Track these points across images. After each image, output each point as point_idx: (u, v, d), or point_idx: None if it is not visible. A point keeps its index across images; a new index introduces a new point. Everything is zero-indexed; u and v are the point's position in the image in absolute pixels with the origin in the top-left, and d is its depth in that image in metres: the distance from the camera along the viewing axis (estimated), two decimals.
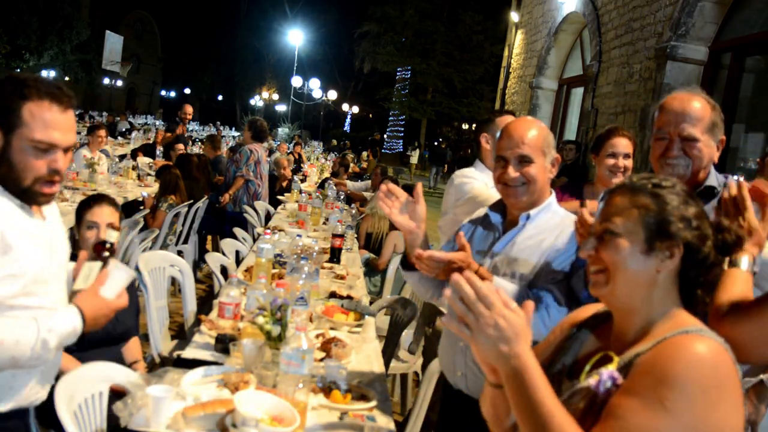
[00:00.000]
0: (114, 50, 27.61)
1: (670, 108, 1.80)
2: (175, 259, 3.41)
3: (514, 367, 1.03)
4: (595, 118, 7.86)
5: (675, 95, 1.83)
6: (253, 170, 6.22)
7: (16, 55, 23.68)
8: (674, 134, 1.78)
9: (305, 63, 34.23)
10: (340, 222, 4.57)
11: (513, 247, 1.88)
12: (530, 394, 1.03)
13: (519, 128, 1.88)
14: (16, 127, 1.48)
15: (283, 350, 1.93)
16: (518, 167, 1.85)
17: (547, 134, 1.91)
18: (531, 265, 1.84)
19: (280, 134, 27.30)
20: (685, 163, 1.77)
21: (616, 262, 1.14)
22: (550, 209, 1.92)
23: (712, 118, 1.77)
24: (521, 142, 1.85)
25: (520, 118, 2.06)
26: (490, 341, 1.02)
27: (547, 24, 10.26)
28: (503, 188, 1.90)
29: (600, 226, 1.18)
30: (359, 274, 3.91)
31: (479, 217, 2.08)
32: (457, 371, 1.96)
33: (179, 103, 10.19)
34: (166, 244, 5.10)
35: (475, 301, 1.01)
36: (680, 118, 1.77)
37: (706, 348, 1.03)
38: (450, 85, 27.76)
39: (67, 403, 1.67)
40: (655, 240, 1.13)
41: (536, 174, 1.85)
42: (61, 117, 1.53)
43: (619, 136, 2.67)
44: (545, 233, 1.86)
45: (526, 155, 1.84)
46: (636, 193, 1.16)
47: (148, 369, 2.59)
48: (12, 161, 1.50)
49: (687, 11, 6.09)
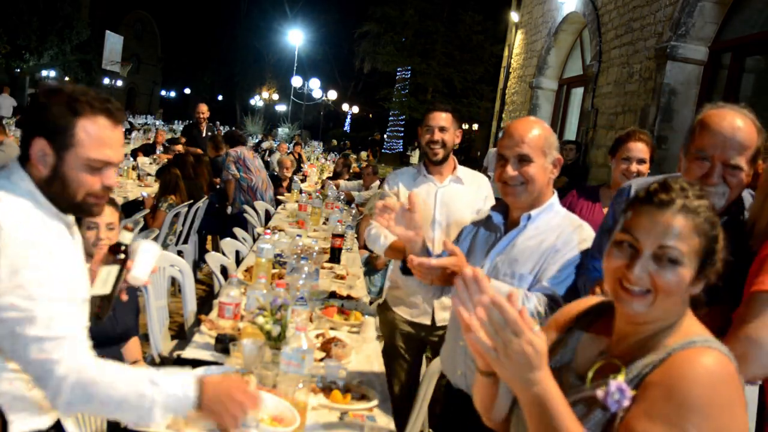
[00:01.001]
0: (114, 50, 27.59)
1: (717, 129, 1.59)
2: (175, 259, 3.41)
3: (537, 394, 1.01)
4: (595, 118, 7.86)
5: (722, 113, 1.62)
6: (237, 169, 6.40)
7: (16, 55, 23.67)
8: (717, 159, 1.59)
9: (305, 63, 34.23)
10: (340, 222, 4.57)
11: (514, 248, 1.89)
12: (554, 423, 1.01)
13: (520, 127, 1.88)
14: (71, 146, 1.44)
15: (283, 350, 1.93)
16: (517, 166, 1.85)
17: (549, 135, 1.91)
18: (531, 265, 1.84)
19: (280, 134, 27.28)
20: (722, 191, 1.61)
21: (671, 290, 1.08)
22: (552, 210, 1.92)
23: (758, 145, 1.61)
24: (521, 141, 1.85)
25: (523, 118, 2.06)
26: (515, 367, 0.99)
27: (547, 24, 10.26)
28: (503, 187, 1.91)
29: (659, 250, 1.08)
30: (359, 274, 3.91)
31: (482, 219, 2.09)
32: (457, 370, 1.96)
33: (179, 103, 10.15)
34: (166, 244, 5.10)
35: (504, 327, 0.98)
36: (728, 144, 1.58)
37: (714, 363, 1.03)
38: (450, 85, 27.73)
39: None
40: (705, 270, 1.09)
41: (535, 174, 1.85)
42: (114, 134, 1.50)
43: (636, 140, 2.65)
44: (546, 233, 1.86)
45: (526, 154, 1.84)
46: (696, 217, 1.08)
47: None
48: (66, 178, 1.47)
49: (687, 11, 6.09)
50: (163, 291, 3.30)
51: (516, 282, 1.83)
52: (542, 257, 1.83)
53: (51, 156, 1.45)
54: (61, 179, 1.46)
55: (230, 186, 6.41)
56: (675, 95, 6.27)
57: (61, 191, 1.47)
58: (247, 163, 6.47)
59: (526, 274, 1.83)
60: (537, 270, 1.83)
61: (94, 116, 1.45)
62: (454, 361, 1.98)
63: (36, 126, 1.47)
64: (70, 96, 1.45)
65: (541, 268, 1.82)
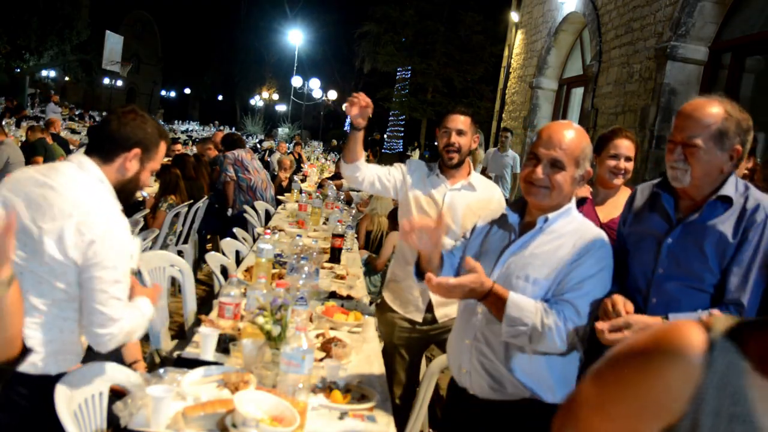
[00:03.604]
0: (114, 50, 27.57)
1: (681, 112, 1.80)
2: (175, 259, 3.41)
3: None
4: (595, 118, 7.86)
5: (692, 100, 1.81)
6: (235, 171, 6.42)
7: (16, 55, 23.68)
8: (678, 139, 1.78)
9: (305, 63, 34.23)
10: (340, 222, 4.57)
11: (529, 250, 1.86)
12: None
13: (560, 131, 1.85)
14: (151, 160, 2.02)
15: (283, 350, 1.93)
16: (548, 170, 1.83)
17: (587, 146, 1.87)
18: (547, 271, 1.81)
19: (280, 134, 27.29)
20: (683, 168, 1.76)
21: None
22: (569, 214, 1.90)
23: (722, 127, 1.72)
24: (558, 146, 1.82)
25: (565, 122, 2.02)
26: None
27: (547, 24, 10.26)
28: (527, 186, 1.88)
29: None
30: (359, 274, 3.91)
31: (496, 217, 2.06)
32: (462, 368, 1.96)
33: (179, 103, 10.15)
34: (166, 244, 5.10)
35: None
36: (686, 123, 1.76)
37: None
38: (450, 85, 27.71)
39: (67, 403, 1.67)
40: None
41: (563, 182, 1.83)
42: None
43: (622, 138, 2.65)
44: (563, 238, 1.84)
45: (560, 160, 1.82)
46: None
47: (148, 369, 2.59)
48: (139, 180, 2.02)
49: (687, 11, 6.09)
50: (163, 291, 3.29)
51: (530, 285, 1.80)
52: (559, 263, 1.80)
53: (138, 162, 1.97)
54: (135, 181, 2.00)
55: (229, 188, 6.44)
56: (675, 95, 6.27)
57: (132, 188, 2.01)
58: (245, 164, 6.50)
59: (541, 279, 1.81)
60: (553, 278, 1.80)
61: (165, 142, 2.07)
62: (459, 359, 1.97)
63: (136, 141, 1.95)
64: (156, 124, 2.05)
65: (558, 277, 1.80)
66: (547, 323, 1.71)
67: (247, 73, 39.60)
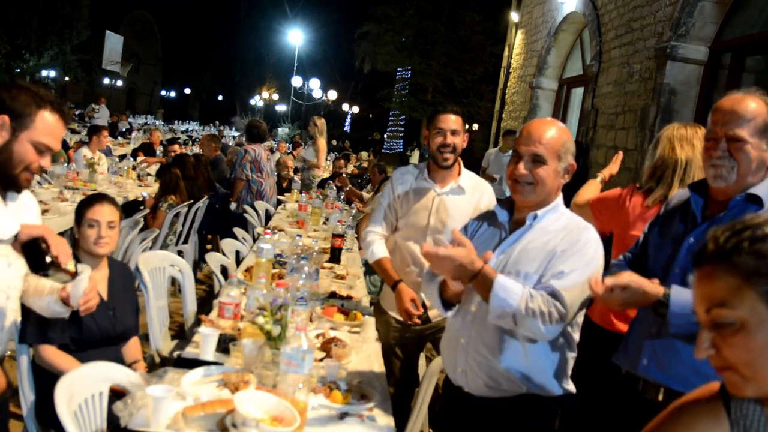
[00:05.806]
0: (114, 50, 27.56)
1: (720, 107, 1.74)
2: (175, 259, 3.41)
3: None
4: (595, 118, 7.86)
5: (729, 95, 1.76)
6: (251, 170, 6.26)
7: (16, 55, 23.64)
8: (720, 134, 1.72)
9: (305, 63, 34.22)
10: (340, 222, 4.57)
11: (519, 247, 1.89)
12: None
13: (539, 127, 1.89)
14: (26, 128, 1.75)
15: (283, 350, 1.93)
16: (530, 166, 1.86)
17: (567, 140, 1.91)
18: (537, 265, 1.84)
19: (280, 134, 27.28)
20: (729, 165, 1.71)
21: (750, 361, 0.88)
22: (557, 210, 1.93)
23: (766, 120, 1.70)
24: (538, 141, 1.85)
25: (544, 118, 2.07)
26: None
27: (547, 24, 10.26)
28: (513, 184, 1.92)
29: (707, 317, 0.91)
30: (359, 274, 3.91)
31: (485, 214, 2.10)
32: (457, 368, 1.97)
33: (179, 103, 10.15)
34: (166, 244, 5.10)
35: None
36: (727, 118, 1.71)
37: None
38: (450, 85, 27.71)
39: (67, 403, 1.67)
40: None
41: (545, 176, 1.85)
42: (59, 129, 1.82)
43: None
44: (552, 234, 1.87)
45: (540, 155, 1.85)
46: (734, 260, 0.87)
47: (148, 369, 2.59)
48: (13, 153, 1.75)
49: (687, 11, 6.08)
50: (163, 291, 3.29)
51: (521, 281, 1.83)
52: (548, 257, 1.84)
53: (8, 132, 1.73)
54: (7, 152, 1.74)
55: (239, 185, 6.23)
56: (675, 95, 6.27)
57: (5, 161, 1.75)
58: (261, 166, 6.33)
59: (531, 273, 1.84)
60: (542, 269, 1.83)
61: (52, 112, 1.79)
62: (454, 358, 1.98)
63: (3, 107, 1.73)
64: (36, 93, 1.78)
65: (546, 267, 1.83)
66: (531, 307, 1.73)
67: (247, 73, 39.60)
